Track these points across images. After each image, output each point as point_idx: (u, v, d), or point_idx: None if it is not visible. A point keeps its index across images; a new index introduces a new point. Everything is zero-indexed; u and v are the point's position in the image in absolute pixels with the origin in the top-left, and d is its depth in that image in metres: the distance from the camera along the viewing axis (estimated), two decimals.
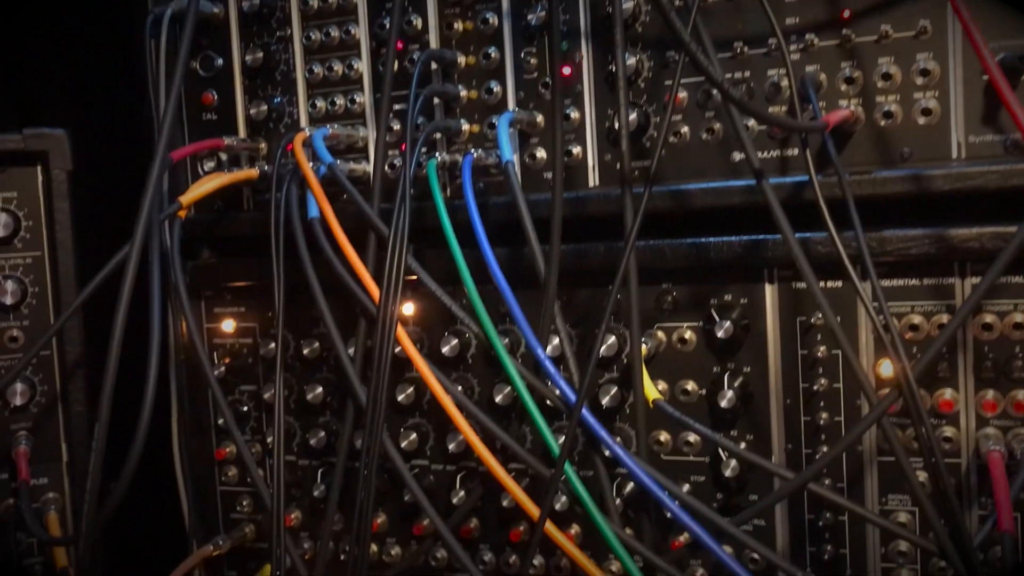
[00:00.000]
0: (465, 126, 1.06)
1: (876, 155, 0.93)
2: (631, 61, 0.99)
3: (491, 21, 1.03)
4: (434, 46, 1.07)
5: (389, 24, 1.04)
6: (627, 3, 0.97)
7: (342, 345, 1.00)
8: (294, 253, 1.01)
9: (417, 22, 1.06)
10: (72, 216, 1.11)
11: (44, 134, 1.10)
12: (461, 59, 1.06)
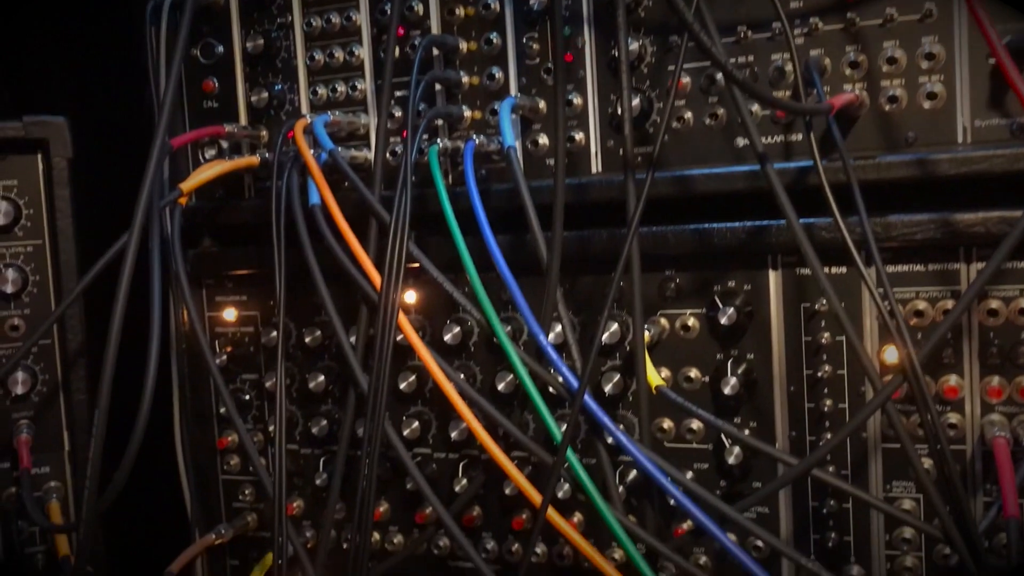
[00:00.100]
0: (467, 112, 1.06)
1: (881, 140, 0.92)
2: (634, 46, 0.98)
3: (492, 6, 1.03)
4: (435, 32, 1.06)
5: (390, 10, 1.04)
6: None
7: (344, 333, 1.00)
8: (295, 241, 1.00)
9: (418, 8, 1.06)
10: (73, 204, 1.11)
11: (44, 122, 1.10)
12: (463, 45, 1.05)
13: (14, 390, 1.10)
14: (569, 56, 1.01)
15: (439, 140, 1.05)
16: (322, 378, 1.13)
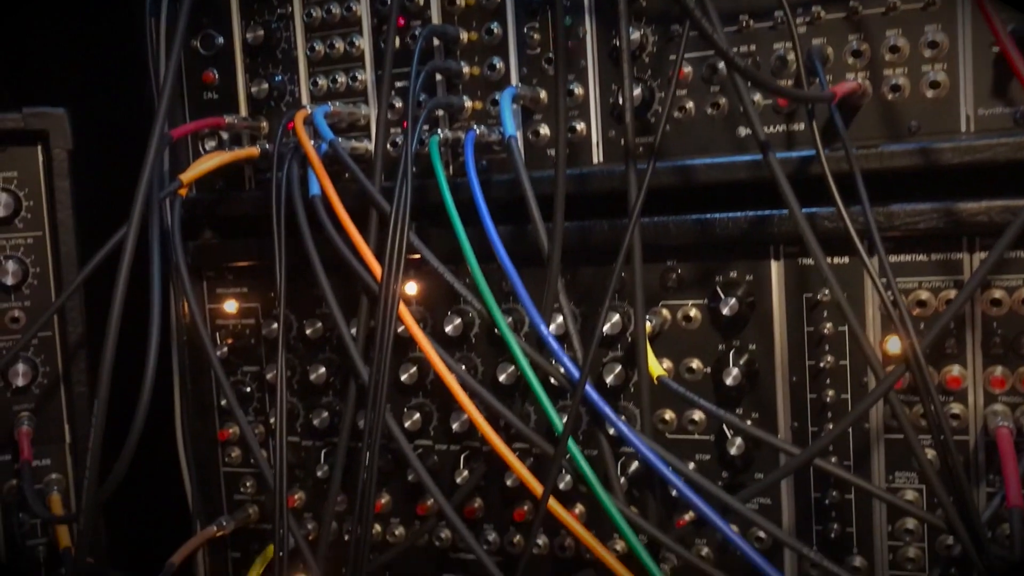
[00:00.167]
0: (467, 103, 1.05)
1: (884, 129, 0.92)
2: (635, 35, 0.98)
3: None
4: (436, 22, 1.06)
5: (390, 0, 1.03)
6: None
7: (344, 324, 0.99)
8: (296, 232, 1.00)
9: None
10: (73, 196, 1.11)
11: (44, 113, 1.10)
12: (463, 35, 1.05)
13: (15, 382, 1.10)
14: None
15: (440, 130, 1.04)
16: (323, 370, 1.13)
